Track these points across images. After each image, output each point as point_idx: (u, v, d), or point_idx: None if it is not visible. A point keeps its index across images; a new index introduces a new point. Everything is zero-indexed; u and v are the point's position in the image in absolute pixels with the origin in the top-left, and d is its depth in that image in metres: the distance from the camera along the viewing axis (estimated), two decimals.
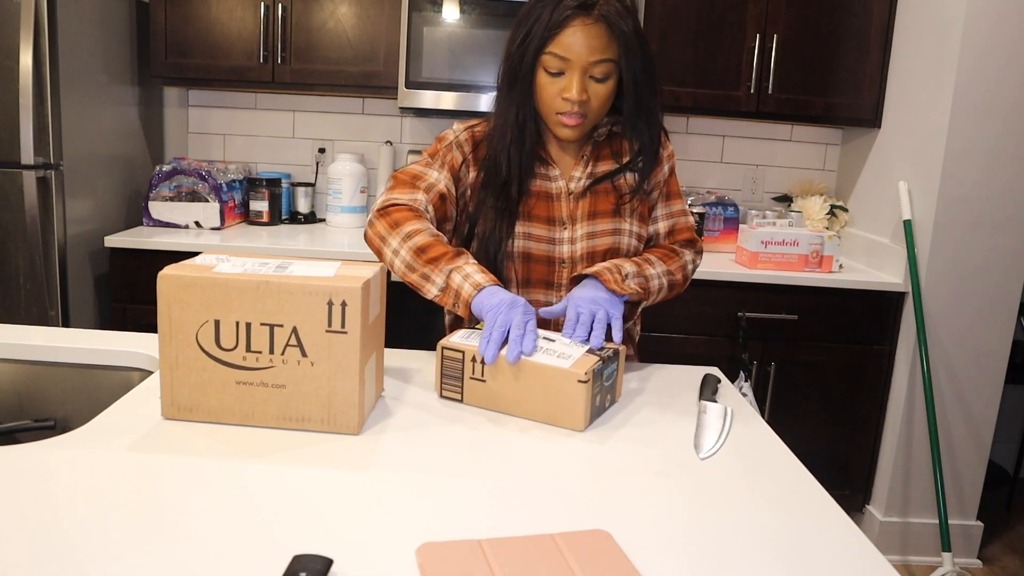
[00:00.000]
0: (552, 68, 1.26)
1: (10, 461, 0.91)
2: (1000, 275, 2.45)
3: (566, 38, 1.23)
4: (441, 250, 1.22)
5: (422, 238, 1.24)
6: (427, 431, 1.07)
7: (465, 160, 1.38)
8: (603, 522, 0.85)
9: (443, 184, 1.34)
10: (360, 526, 0.81)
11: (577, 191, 1.38)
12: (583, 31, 1.23)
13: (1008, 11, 2.29)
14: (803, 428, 2.61)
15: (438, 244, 1.23)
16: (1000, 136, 2.36)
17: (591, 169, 1.38)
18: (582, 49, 1.23)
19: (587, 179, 1.38)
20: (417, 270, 1.22)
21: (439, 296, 1.21)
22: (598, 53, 1.24)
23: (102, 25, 2.49)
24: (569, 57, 1.24)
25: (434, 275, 1.21)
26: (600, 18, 1.23)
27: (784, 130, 3.07)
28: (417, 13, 2.54)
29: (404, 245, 1.23)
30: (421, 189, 1.32)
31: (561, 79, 1.26)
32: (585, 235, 1.37)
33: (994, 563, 2.62)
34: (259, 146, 3.06)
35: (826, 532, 0.87)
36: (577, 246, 1.37)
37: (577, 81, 1.25)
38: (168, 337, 1.02)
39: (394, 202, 1.29)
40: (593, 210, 1.37)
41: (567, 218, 1.37)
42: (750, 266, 2.52)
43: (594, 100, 1.28)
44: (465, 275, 1.20)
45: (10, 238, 2.27)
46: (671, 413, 1.20)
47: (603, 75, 1.26)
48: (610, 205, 1.38)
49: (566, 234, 1.37)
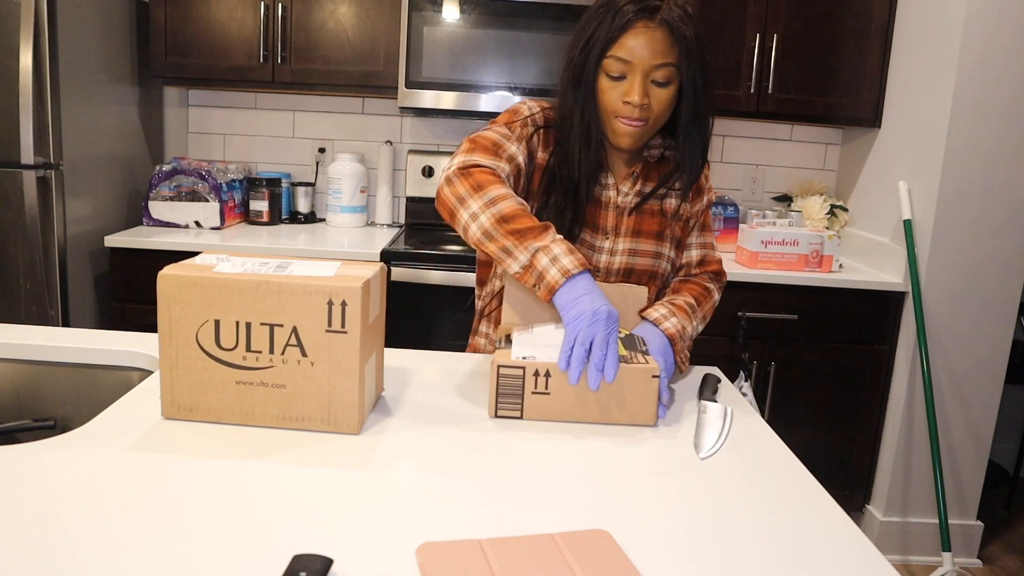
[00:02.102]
0: (614, 72, 1.24)
1: (10, 461, 0.91)
2: (1000, 275, 2.45)
3: (628, 41, 1.22)
4: (527, 223, 1.14)
5: (507, 205, 1.15)
6: (427, 431, 1.07)
7: (538, 138, 1.34)
8: (603, 522, 0.85)
9: (521, 159, 1.29)
10: (360, 526, 0.81)
11: (624, 206, 1.37)
12: (645, 35, 1.21)
13: (1008, 11, 2.29)
14: (803, 428, 2.61)
15: (524, 215, 1.15)
16: (1000, 136, 2.36)
17: (640, 187, 1.37)
18: (644, 52, 1.22)
19: (635, 196, 1.37)
20: (497, 240, 1.14)
21: (519, 274, 1.13)
22: (660, 57, 1.22)
23: (102, 25, 2.49)
24: (631, 60, 1.22)
25: (517, 251, 1.13)
26: (663, 22, 1.21)
27: (784, 130, 3.07)
28: (417, 13, 2.54)
29: (487, 211, 1.15)
30: (503, 159, 1.25)
31: (623, 83, 1.25)
32: (627, 251, 1.37)
33: (994, 563, 2.62)
34: (259, 146, 3.06)
35: (826, 532, 0.87)
36: (616, 258, 1.37)
37: (639, 84, 1.23)
38: (168, 337, 1.02)
39: (475, 163, 1.21)
40: (638, 228, 1.37)
41: (611, 229, 1.36)
42: (750, 266, 2.52)
43: (655, 105, 1.26)
44: (553, 257, 1.11)
45: (10, 238, 2.27)
46: (671, 413, 1.20)
47: (665, 80, 1.24)
48: (655, 227, 1.38)
49: (607, 244, 1.36)
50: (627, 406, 1.12)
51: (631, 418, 1.13)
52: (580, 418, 1.13)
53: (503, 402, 1.13)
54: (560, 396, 1.12)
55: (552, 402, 1.12)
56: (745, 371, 2.47)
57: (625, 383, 1.11)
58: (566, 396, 1.12)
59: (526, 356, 1.13)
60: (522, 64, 2.58)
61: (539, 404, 1.13)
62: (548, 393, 1.12)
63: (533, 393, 1.12)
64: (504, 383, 1.13)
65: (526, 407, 1.13)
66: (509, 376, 1.12)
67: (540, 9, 2.55)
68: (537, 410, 1.13)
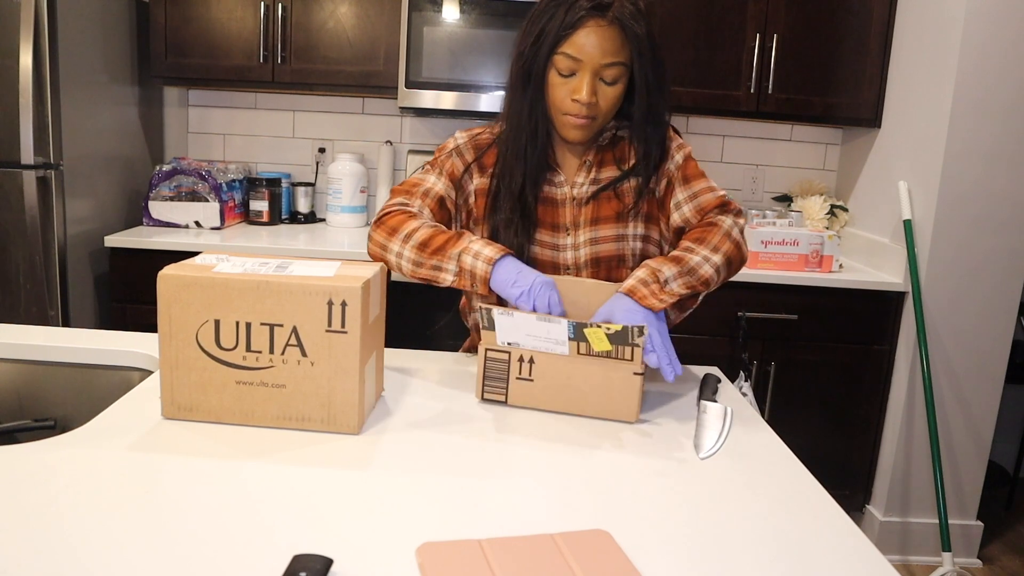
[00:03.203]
0: (563, 69, 1.25)
1: (10, 461, 0.91)
2: (1000, 275, 2.45)
3: (579, 39, 1.22)
4: (443, 238, 1.23)
5: (422, 233, 1.25)
6: (427, 431, 1.07)
7: (468, 167, 1.38)
8: (603, 522, 0.85)
9: (441, 188, 1.34)
10: (360, 526, 0.81)
11: (581, 197, 1.37)
12: (596, 32, 1.21)
13: (1008, 11, 2.29)
14: (803, 428, 2.61)
15: (439, 234, 1.24)
16: (1000, 136, 2.36)
17: (594, 175, 1.37)
18: (595, 51, 1.22)
19: (591, 185, 1.37)
20: (425, 264, 1.23)
21: (455, 281, 1.21)
22: (610, 56, 1.23)
23: (102, 25, 2.49)
24: (581, 58, 1.23)
25: (444, 263, 1.21)
26: (614, 20, 1.21)
27: (784, 130, 3.07)
28: (417, 13, 2.54)
29: (406, 245, 1.25)
30: (417, 195, 1.33)
31: (572, 80, 1.25)
32: (588, 241, 1.36)
33: (994, 563, 2.62)
34: (259, 146, 3.06)
35: (826, 532, 0.87)
36: (580, 252, 1.37)
37: (588, 83, 1.24)
38: (168, 337, 1.02)
39: (388, 210, 1.31)
40: (596, 216, 1.37)
41: (570, 224, 1.37)
42: (750, 266, 2.52)
43: (603, 102, 1.27)
44: (475, 254, 1.20)
45: (10, 238, 2.27)
46: (671, 413, 1.20)
47: (613, 78, 1.26)
48: (612, 211, 1.37)
49: (569, 240, 1.37)
50: (608, 401, 1.14)
51: (612, 413, 1.15)
52: (561, 408, 1.16)
53: (489, 385, 1.18)
54: (542, 384, 1.16)
55: (535, 389, 1.16)
56: (745, 371, 2.47)
57: (607, 378, 1.13)
58: (548, 384, 1.15)
59: (510, 342, 1.16)
60: None
61: (523, 390, 1.17)
62: (531, 380, 1.16)
63: (517, 379, 1.16)
64: (491, 367, 1.17)
65: (511, 392, 1.17)
66: (495, 360, 1.17)
67: None
68: (521, 396, 1.17)
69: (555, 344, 1.13)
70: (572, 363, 1.14)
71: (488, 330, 1.16)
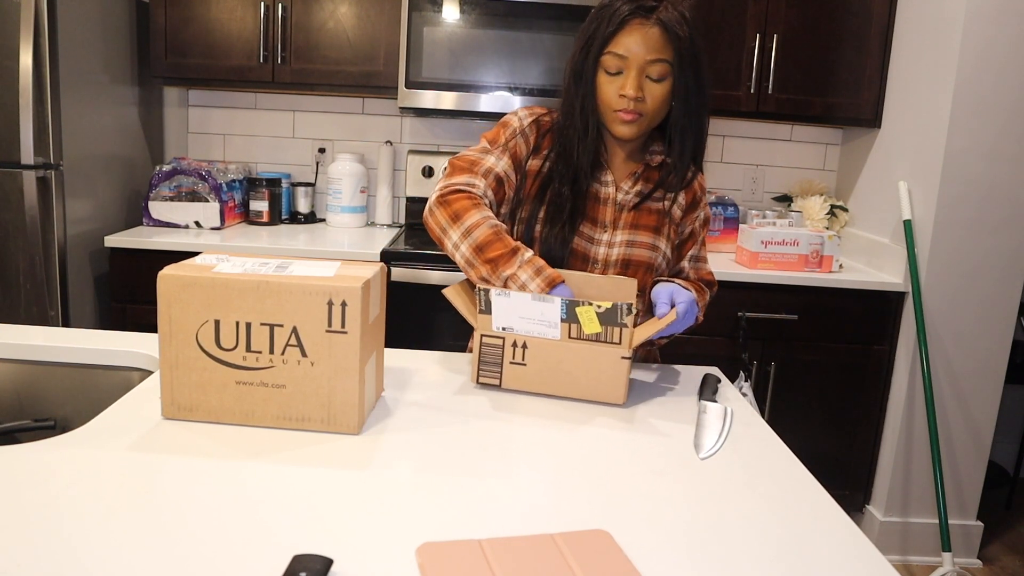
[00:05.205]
0: (611, 68, 1.31)
1: (10, 461, 0.91)
2: (1000, 275, 2.45)
3: (624, 38, 1.30)
4: (499, 250, 1.26)
5: (481, 233, 1.28)
6: (427, 431, 1.07)
7: (530, 148, 1.42)
8: (603, 522, 0.85)
9: (501, 168, 1.38)
10: (360, 526, 0.81)
11: (625, 203, 1.42)
12: (641, 31, 1.29)
13: (1008, 11, 2.29)
14: (803, 428, 2.61)
15: (496, 241, 1.27)
16: (1000, 136, 2.36)
17: (640, 188, 1.43)
18: (639, 48, 1.29)
19: (635, 196, 1.43)
20: (476, 268, 1.28)
21: None
22: (654, 53, 1.29)
23: (102, 25, 2.49)
24: (627, 55, 1.30)
25: (492, 279, 1.27)
26: (658, 22, 1.29)
27: (784, 130, 3.07)
28: (417, 13, 2.54)
29: (464, 240, 1.28)
30: (479, 174, 1.36)
31: (619, 78, 1.32)
32: (625, 242, 1.41)
33: (994, 563, 2.63)
34: (259, 146, 3.06)
35: (826, 532, 0.87)
36: (614, 250, 1.41)
37: (634, 78, 1.30)
38: (168, 337, 1.02)
39: (453, 188, 1.34)
40: (636, 222, 1.42)
41: (609, 222, 1.42)
42: (750, 266, 2.52)
43: (650, 100, 1.32)
44: (520, 285, 1.24)
45: (10, 238, 2.27)
46: (671, 413, 1.20)
47: (659, 76, 1.31)
48: (653, 222, 1.43)
49: (605, 236, 1.41)
50: (597, 384, 1.19)
51: (601, 395, 1.20)
52: (552, 391, 1.21)
53: (484, 370, 1.23)
54: (534, 368, 1.21)
55: (528, 372, 1.21)
56: (745, 371, 2.47)
57: (596, 361, 1.18)
58: (540, 368, 1.21)
59: (505, 327, 1.21)
60: (522, 64, 2.58)
61: (516, 374, 1.22)
62: (524, 364, 1.21)
63: (511, 363, 1.21)
64: (486, 352, 1.22)
65: (504, 376, 1.22)
66: (490, 345, 1.22)
67: (540, 9, 2.55)
68: (514, 380, 1.22)
69: (547, 327, 1.19)
70: (563, 347, 1.18)
71: (485, 314, 1.21)
